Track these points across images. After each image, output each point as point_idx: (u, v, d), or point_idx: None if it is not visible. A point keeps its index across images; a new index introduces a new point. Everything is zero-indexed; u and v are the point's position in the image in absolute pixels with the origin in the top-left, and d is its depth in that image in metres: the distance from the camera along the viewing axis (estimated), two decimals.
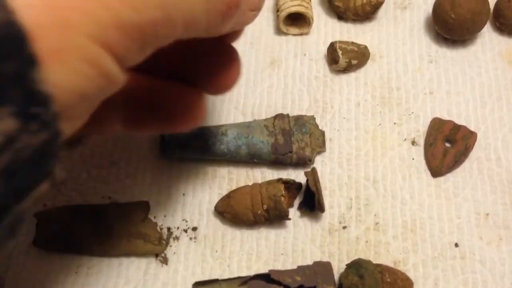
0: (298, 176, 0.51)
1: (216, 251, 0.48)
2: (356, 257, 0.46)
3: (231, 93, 0.56)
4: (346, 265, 0.45)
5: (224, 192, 0.50)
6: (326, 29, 0.60)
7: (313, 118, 0.53)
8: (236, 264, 0.48)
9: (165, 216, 0.50)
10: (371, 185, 0.51)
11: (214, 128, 0.52)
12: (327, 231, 0.49)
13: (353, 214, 0.49)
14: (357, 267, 0.44)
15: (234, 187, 0.51)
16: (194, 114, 0.34)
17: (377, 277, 0.43)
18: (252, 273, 0.47)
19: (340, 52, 0.55)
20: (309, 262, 0.47)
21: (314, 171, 0.48)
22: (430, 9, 0.58)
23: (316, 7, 0.61)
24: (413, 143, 0.53)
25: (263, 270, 0.47)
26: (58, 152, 0.17)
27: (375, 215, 0.49)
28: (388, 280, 0.43)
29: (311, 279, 0.44)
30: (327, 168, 0.52)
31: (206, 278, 0.47)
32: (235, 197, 0.48)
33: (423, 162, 0.51)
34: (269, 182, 0.49)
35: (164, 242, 0.48)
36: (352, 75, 0.57)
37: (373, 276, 0.43)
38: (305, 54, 0.58)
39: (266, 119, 0.53)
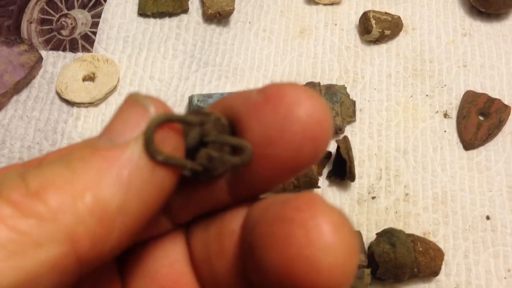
0: None
1: None
2: (385, 227, 0.46)
3: (260, 61, 0.55)
4: (377, 233, 0.45)
5: None
6: None
7: (344, 87, 0.52)
8: None
9: None
10: (401, 156, 0.50)
11: None
12: (356, 201, 0.48)
13: (382, 184, 0.49)
14: (389, 235, 0.43)
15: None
16: None
17: (409, 246, 0.42)
18: None
19: (373, 22, 0.54)
20: None
21: (346, 139, 0.48)
22: None
23: None
24: (445, 115, 0.52)
25: None
26: None
27: (405, 186, 0.49)
28: (420, 249, 0.43)
29: None
30: (357, 138, 0.51)
31: None
32: None
33: (455, 134, 0.51)
34: None
35: None
36: (383, 46, 0.56)
37: (405, 245, 0.42)
38: (336, 24, 0.57)
39: None
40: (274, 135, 0.14)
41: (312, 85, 0.52)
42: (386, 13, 0.55)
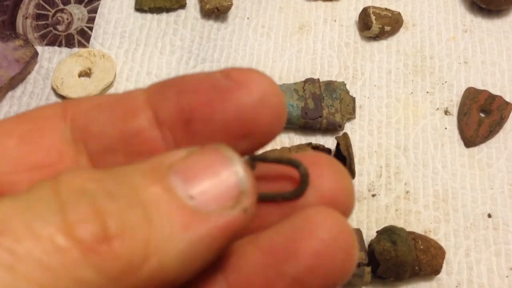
0: (327, 142, 0.50)
1: None
2: (385, 225, 0.45)
3: (259, 57, 0.55)
4: (377, 231, 0.44)
5: None
6: None
7: (343, 84, 0.52)
8: None
9: None
10: (402, 153, 0.49)
11: None
12: (356, 198, 0.48)
13: (382, 182, 0.48)
14: (389, 233, 0.42)
15: (260, 152, 0.50)
16: None
17: (410, 243, 0.42)
18: None
19: (373, 18, 0.53)
20: None
21: (346, 135, 0.47)
22: None
23: None
24: (446, 112, 0.51)
25: None
26: None
27: (405, 184, 0.48)
28: (421, 247, 0.42)
29: None
30: (357, 136, 0.51)
31: None
32: None
33: (456, 131, 0.50)
34: (299, 146, 0.47)
35: None
36: (383, 43, 0.55)
37: (406, 243, 0.42)
38: (335, 20, 0.57)
39: (296, 83, 0.51)
40: (247, 117, 0.15)
41: (311, 81, 0.51)
42: (386, 9, 0.55)
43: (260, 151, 0.16)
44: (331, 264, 0.14)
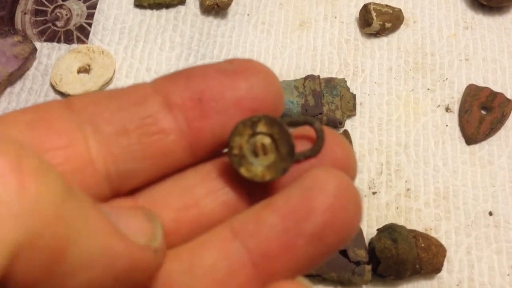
0: None
1: None
2: (386, 223, 0.45)
3: (259, 54, 0.54)
4: (378, 229, 0.44)
5: None
6: None
7: (344, 81, 0.51)
8: None
9: None
10: (402, 150, 0.49)
11: None
12: None
13: (383, 179, 0.48)
14: (390, 231, 0.42)
15: None
16: None
17: (411, 241, 0.41)
18: None
19: (374, 14, 0.53)
20: None
21: (346, 133, 0.47)
22: None
23: None
24: (447, 109, 0.51)
25: None
26: None
27: (406, 181, 0.48)
28: (422, 245, 0.42)
29: None
30: (357, 133, 0.50)
31: None
32: None
33: (457, 129, 0.50)
34: None
35: None
36: (384, 40, 0.55)
37: (407, 241, 0.41)
38: (335, 17, 0.57)
39: (296, 80, 0.51)
40: (257, 93, 0.16)
41: (311, 78, 0.51)
42: (386, 5, 0.54)
43: None
44: (344, 216, 0.15)
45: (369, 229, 0.46)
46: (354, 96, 0.51)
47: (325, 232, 0.15)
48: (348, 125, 0.50)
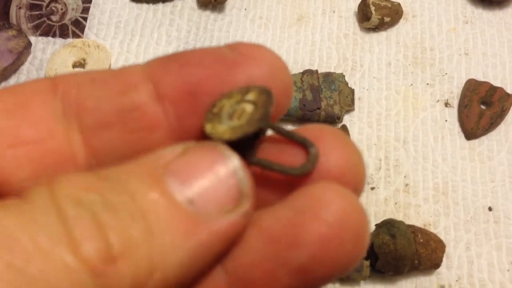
0: None
1: None
2: (384, 219, 0.44)
3: None
4: (376, 224, 0.43)
5: None
6: None
7: (342, 75, 0.51)
8: None
9: None
10: (401, 146, 0.49)
11: None
12: None
13: (382, 175, 0.48)
14: (388, 226, 0.42)
15: None
16: None
17: (409, 237, 0.41)
18: None
19: (373, 8, 0.52)
20: None
21: (344, 127, 0.46)
22: None
23: None
24: (447, 104, 0.50)
25: None
26: None
27: (405, 177, 0.47)
28: (421, 240, 0.41)
29: None
30: (356, 128, 0.50)
31: None
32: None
33: (457, 124, 0.49)
34: None
35: None
36: (383, 34, 0.54)
37: (405, 236, 0.41)
38: (334, 11, 0.56)
39: (294, 74, 0.50)
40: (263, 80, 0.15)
41: (309, 73, 0.50)
42: None
43: None
44: (339, 250, 0.13)
45: None
46: (352, 91, 0.51)
47: (314, 266, 0.13)
48: (347, 120, 0.50)
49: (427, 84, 0.52)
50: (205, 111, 0.15)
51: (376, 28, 0.54)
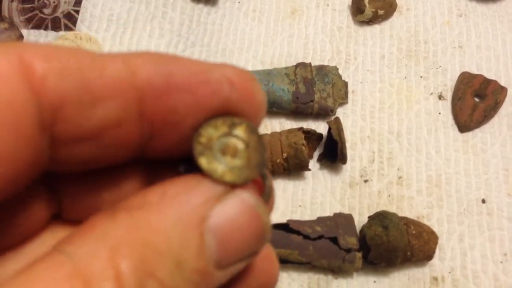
0: (318, 128, 0.49)
1: None
2: (377, 211, 0.44)
3: (250, 41, 0.54)
4: (369, 217, 0.43)
5: None
6: None
7: (336, 68, 0.51)
8: None
9: None
10: (395, 138, 0.48)
11: None
12: (348, 184, 0.47)
13: (375, 167, 0.47)
14: (381, 218, 0.42)
15: None
16: None
17: (402, 229, 0.41)
18: None
19: (366, 1, 0.52)
20: (328, 214, 0.45)
21: (337, 119, 0.46)
22: None
23: None
24: (440, 97, 0.50)
25: (280, 221, 0.45)
26: None
27: (398, 169, 0.47)
28: (414, 232, 0.41)
29: (332, 230, 0.42)
30: (349, 121, 0.49)
31: None
32: None
33: (450, 116, 0.49)
34: (290, 131, 0.46)
35: None
36: (377, 27, 0.54)
37: (398, 228, 0.41)
38: (328, 4, 0.56)
39: (287, 67, 0.50)
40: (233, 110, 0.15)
41: (303, 65, 0.50)
42: None
43: None
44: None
45: (360, 217, 0.45)
46: (346, 84, 0.50)
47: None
48: (340, 113, 0.50)
49: (421, 77, 0.51)
50: (185, 135, 0.15)
51: (370, 21, 0.54)
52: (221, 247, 0.14)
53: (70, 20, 0.54)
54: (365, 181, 0.47)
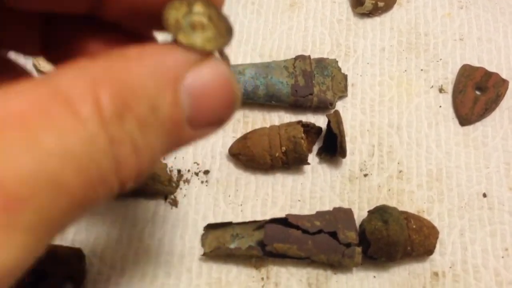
0: (317, 121, 0.48)
1: (229, 196, 0.46)
2: (377, 205, 0.44)
3: (248, 34, 0.53)
4: (368, 211, 0.43)
5: (239, 136, 0.48)
6: None
7: (335, 61, 0.50)
8: (250, 210, 0.45)
9: (175, 158, 0.47)
10: (395, 132, 0.48)
11: (231, 67, 0.49)
12: (347, 178, 0.46)
13: (375, 161, 0.47)
14: (381, 212, 0.41)
15: (249, 131, 0.48)
16: None
17: (402, 223, 0.40)
18: (267, 218, 0.44)
19: None
20: (327, 209, 0.45)
21: (336, 113, 0.45)
22: None
23: None
24: (441, 90, 0.50)
25: (279, 215, 0.44)
26: None
27: (398, 163, 0.47)
28: (414, 226, 0.40)
29: (331, 224, 0.41)
30: (349, 114, 0.49)
31: (218, 222, 0.44)
32: (252, 138, 0.45)
33: (451, 110, 0.49)
34: (289, 124, 0.46)
35: (174, 184, 0.46)
36: (377, 20, 0.54)
37: (398, 222, 0.40)
38: None
39: (286, 60, 0.50)
40: None
41: (302, 58, 0.49)
42: None
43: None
44: None
45: (360, 212, 0.45)
46: (345, 77, 0.50)
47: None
48: (340, 106, 0.49)
49: (421, 69, 0.51)
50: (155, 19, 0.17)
51: (370, 14, 0.53)
52: (194, 106, 0.15)
53: None
54: (365, 175, 0.46)
